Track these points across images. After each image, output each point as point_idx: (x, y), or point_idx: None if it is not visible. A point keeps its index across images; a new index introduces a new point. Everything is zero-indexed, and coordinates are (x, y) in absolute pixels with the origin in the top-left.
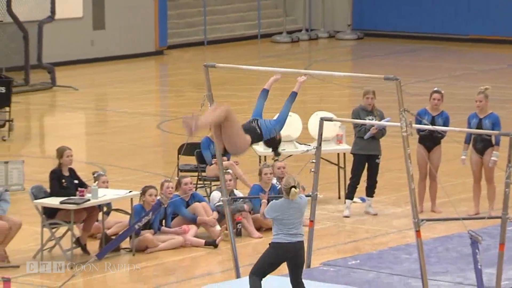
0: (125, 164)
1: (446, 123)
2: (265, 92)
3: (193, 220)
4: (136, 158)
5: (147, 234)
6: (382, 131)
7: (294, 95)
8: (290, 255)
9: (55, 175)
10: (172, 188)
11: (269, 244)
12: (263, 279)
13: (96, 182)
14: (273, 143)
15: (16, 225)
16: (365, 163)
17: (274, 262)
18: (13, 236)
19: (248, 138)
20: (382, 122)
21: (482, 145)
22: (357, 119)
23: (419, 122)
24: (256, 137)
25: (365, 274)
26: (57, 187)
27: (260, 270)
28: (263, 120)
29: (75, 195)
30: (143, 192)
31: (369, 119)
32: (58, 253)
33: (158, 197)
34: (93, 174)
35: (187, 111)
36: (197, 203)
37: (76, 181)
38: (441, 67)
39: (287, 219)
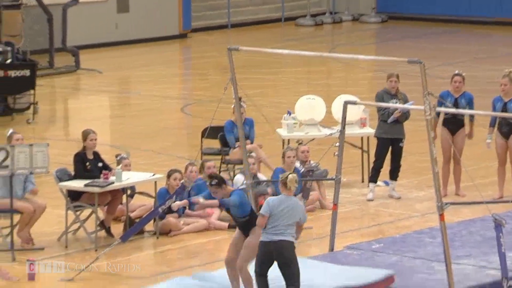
0: (149, 147)
1: (469, 104)
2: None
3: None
4: (159, 141)
5: (171, 218)
6: (405, 115)
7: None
8: (273, 254)
9: (79, 158)
10: (196, 172)
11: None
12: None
13: (120, 165)
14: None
15: (40, 208)
16: (388, 147)
17: (264, 261)
18: (37, 218)
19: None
20: (406, 106)
21: (507, 128)
22: (380, 102)
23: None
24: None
25: (388, 258)
26: (81, 170)
27: (259, 271)
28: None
29: (99, 178)
30: (168, 175)
31: (393, 103)
32: (82, 235)
33: (182, 181)
34: (116, 157)
35: (210, 94)
36: None
37: (100, 164)
38: (465, 50)
39: (276, 216)
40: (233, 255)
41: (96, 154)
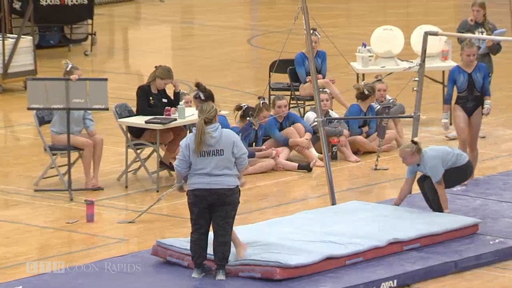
0: (213, 82)
1: None
2: None
3: (285, 142)
4: (225, 75)
5: None
6: (497, 47)
7: None
8: None
9: (143, 92)
10: (268, 117)
11: None
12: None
13: (182, 101)
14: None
15: (99, 143)
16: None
17: None
18: (100, 156)
19: None
20: (493, 37)
21: (473, 104)
22: (465, 32)
23: None
24: None
25: (471, 201)
26: (144, 105)
27: None
28: None
29: (162, 115)
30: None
31: (479, 33)
32: (143, 175)
33: (249, 118)
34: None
35: (279, 24)
36: (289, 129)
37: (165, 100)
38: None
39: None
40: None
41: (161, 89)
